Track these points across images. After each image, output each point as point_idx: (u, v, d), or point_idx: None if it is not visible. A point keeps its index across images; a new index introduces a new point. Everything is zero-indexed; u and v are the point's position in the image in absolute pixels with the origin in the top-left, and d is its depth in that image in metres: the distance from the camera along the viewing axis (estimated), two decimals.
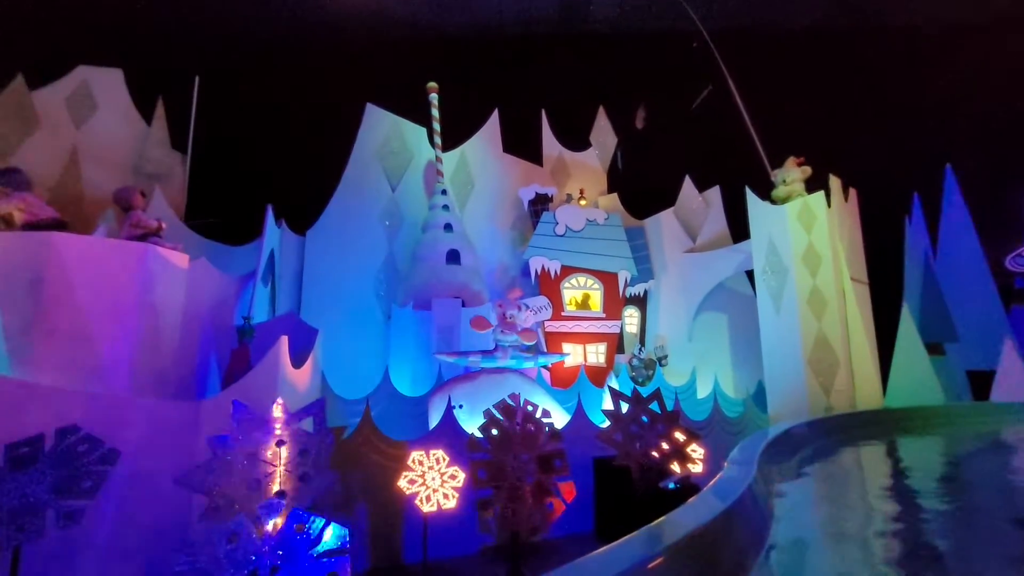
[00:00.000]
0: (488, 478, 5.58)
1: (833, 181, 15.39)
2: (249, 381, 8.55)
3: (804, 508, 5.72)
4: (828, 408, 13.53)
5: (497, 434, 6.00)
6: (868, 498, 6.16)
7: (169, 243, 9.37)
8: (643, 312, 18.66)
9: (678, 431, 8.74)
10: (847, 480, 7.78)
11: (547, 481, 6.00)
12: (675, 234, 19.10)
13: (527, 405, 9.57)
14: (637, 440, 8.36)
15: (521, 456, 5.98)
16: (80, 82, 16.07)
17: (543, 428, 6.63)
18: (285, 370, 9.44)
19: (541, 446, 6.31)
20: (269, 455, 5.95)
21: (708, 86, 17.52)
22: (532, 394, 11.86)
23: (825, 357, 13.74)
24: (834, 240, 14.39)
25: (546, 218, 17.59)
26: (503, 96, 19.50)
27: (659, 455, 8.29)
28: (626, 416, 8.54)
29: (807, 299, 14.06)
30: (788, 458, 8.58)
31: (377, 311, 16.47)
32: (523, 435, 6.24)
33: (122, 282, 8.14)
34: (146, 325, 8.39)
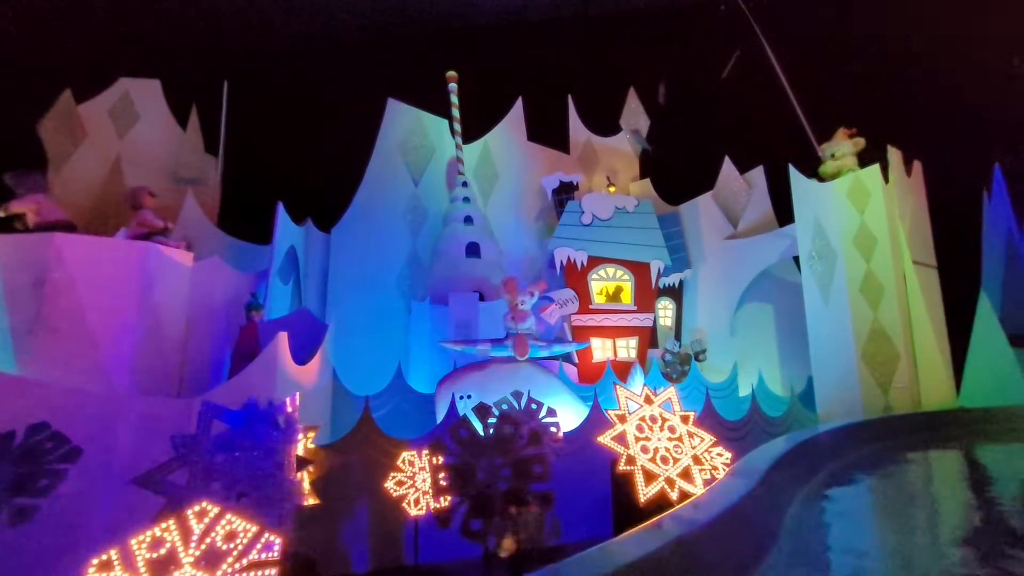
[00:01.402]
0: (451, 484, 5.08)
1: (892, 153, 13.69)
2: (244, 378, 8.48)
3: (823, 535, 4.78)
4: (886, 408, 12.05)
5: (467, 435, 5.48)
6: (925, 527, 5.00)
7: (173, 242, 9.50)
8: (679, 304, 17.50)
9: (694, 434, 7.87)
10: (896, 495, 6.66)
11: (522, 489, 5.42)
12: (714, 219, 17.77)
13: (530, 403, 9.00)
14: (643, 443, 7.57)
15: (494, 460, 5.44)
16: (122, 93, 16.85)
17: (531, 428, 6.04)
18: (286, 367, 9.34)
19: (519, 450, 5.73)
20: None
21: (736, 51, 16.05)
22: (547, 386, 11.23)
23: (882, 350, 12.24)
24: (892, 219, 12.78)
25: (571, 207, 16.81)
26: (527, 83, 18.87)
27: (670, 460, 7.46)
28: (632, 416, 7.77)
29: (859, 286, 12.57)
30: (821, 468, 7.54)
31: (401, 307, 16.33)
32: (497, 437, 5.69)
33: (122, 281, 8.27)
34: (148, 322, 8.51)
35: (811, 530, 4.70)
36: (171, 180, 16.99)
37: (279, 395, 9.08)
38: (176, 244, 9.43)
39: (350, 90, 19.43)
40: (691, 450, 7.64)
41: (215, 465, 5.68)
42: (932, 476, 8.11)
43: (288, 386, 9.41)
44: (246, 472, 5.73)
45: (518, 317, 11.42)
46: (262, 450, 5.87)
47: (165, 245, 9.13)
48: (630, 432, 7.65)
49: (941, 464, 8.94)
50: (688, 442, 7.70)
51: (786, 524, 4.71)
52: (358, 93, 19.15)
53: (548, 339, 16.35)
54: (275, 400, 6.83)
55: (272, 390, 8.86)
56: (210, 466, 5.62)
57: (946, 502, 6.19)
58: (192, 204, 15.74)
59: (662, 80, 18.78)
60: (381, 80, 18.99)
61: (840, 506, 5.63)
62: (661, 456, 7.54)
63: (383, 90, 18.05)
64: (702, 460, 7.58)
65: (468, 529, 4.99)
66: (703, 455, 7.66)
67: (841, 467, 8.25)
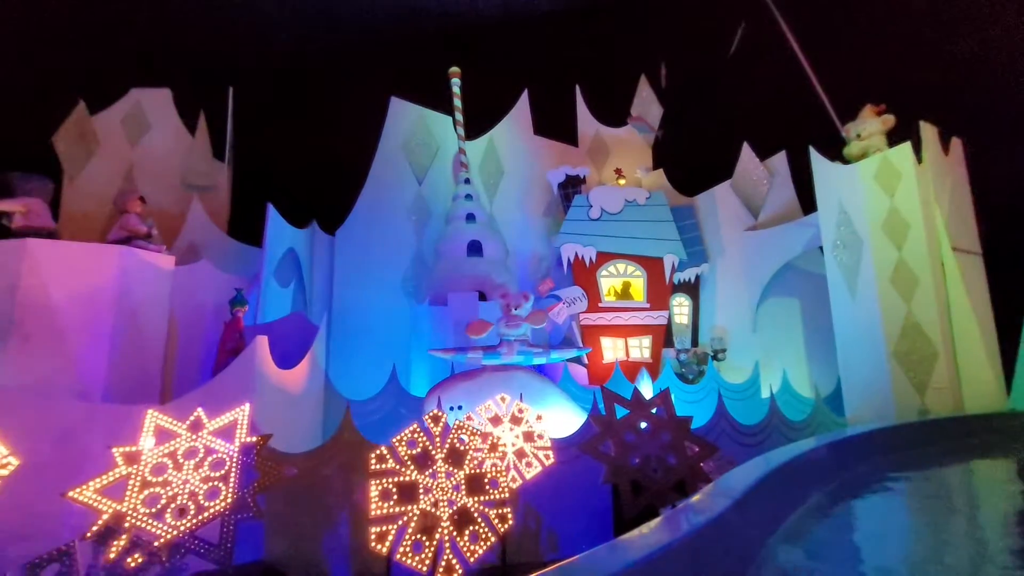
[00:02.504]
0: (391, 500, 4.58)
1: (926, 130, 12.43)
2: (219, 384, 8.23)
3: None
4: (922, 411, 10.90)
5: (416, 448, 4.95)
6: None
7: (154, 246, 9.37)
8: (695, 300, 16.56)
9: (691, 441, 7.14)
10: (923, 514, 5.78)
11: (476, 506, 4.86)
12: (733, 210, 16.76)
13: (516, 409, 8.43)
14: (633, 452, 6.89)
15: (447, 475, 4.89)
16: (134, 103, 17.13)
17: (487, 440, 5.48)
18: (267, 371, 9.06)
19: (479, 464, 5.18)
20: (171, 468, 5.38)
21: (741, 24, 14.96)
22: (542, 394, 10.63)
23: (917, 347, 11.09)
24: (927, 202, 11.59)
25: (578, 201, 16.12)
26: (533, 76, 18.26)
27: (661, 471, 6.77)
28: (620, 422, 7.10)
29: (890, 276, 11.45)
30: (830, 482, 6.67)
31: (406, 308, 16.01)
32: (451, 449, 5.15)
33: (97, 285, 8.16)
34: (125, 328, 8.37)
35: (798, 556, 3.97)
36: (182, 187, 17.14)
37: (259, 401, 8.84)
38: (157, 248, 9.32)
39: (357, 91, 19.29)
40: (688, 459, 6.90)
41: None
42: (972, 492, 7.09)
43: (270, 392, 9.14)
44: (189, 489, 5.38)
45: (511, 323, 10.85)
46: (200, 463, 5.51)
47: (145, 249, 9.02)
48: (617, 440, 6.97)
49: (984, 477, 7.87)
50: (683, 451, 6.97)
51: (771, 550, 4.00)
52: (365, 93, 18.97)
53: (554, 343, 15.77)
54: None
55: (251, 396, 8.59)
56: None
57: (989, 529, 5.26)
58: (198, 209, 15.85)
59: (662, 62, 17.78)
60: (387, 79, 18.77)
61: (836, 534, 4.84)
62: (652, 466, 6.83)
63: (389, 89, 17.82)
64: (701, 472, 6.84)
65: (405, 553, 4.48)
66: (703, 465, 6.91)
67: (854, 480, 7.34)
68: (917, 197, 11.43)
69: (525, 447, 7.97)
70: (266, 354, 9.00)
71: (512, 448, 7.92)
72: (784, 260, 15.47)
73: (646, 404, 7.28)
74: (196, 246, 15.54)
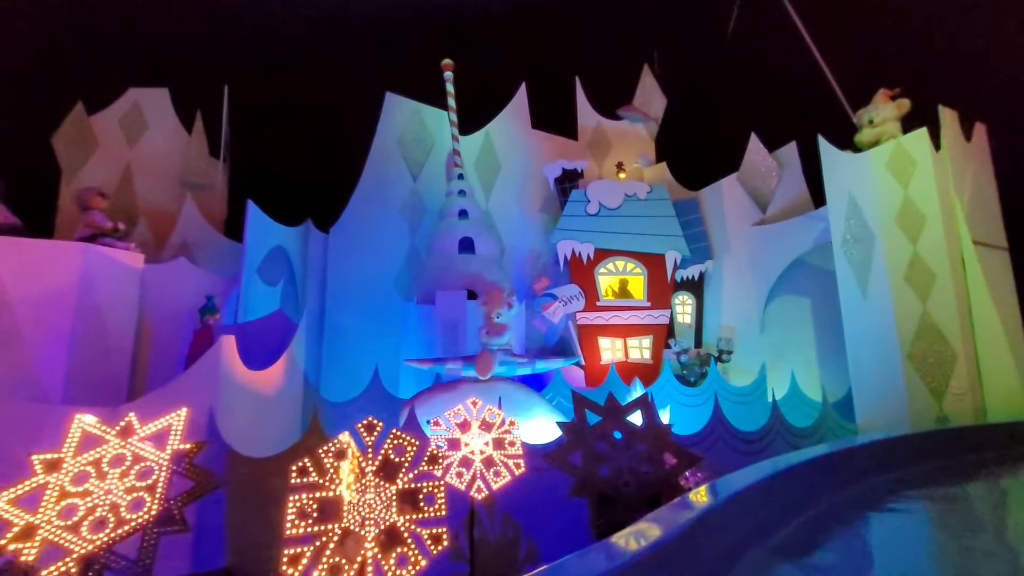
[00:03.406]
0: (309, 519, 4.13)
1: (945, 114, 11.52)
2: (179, 386, 7.92)
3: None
4: (940, 418, 10.06)
5: (343, 460, 4.51)
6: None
7: (122, 243, 9.13)
8: (699, 299, 15.81)
9: (670, 452, 6.55)
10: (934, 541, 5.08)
11: (407, 525, 4.38)
12: (740, 204, 15.97)
13: (487, 414, 7.92)
14: (604, 463, 6.33)
15: (377, 490, 4.43)
16: (132, 103, 17.11)
17: (425, 453, 5.00)
18: (234, 372, 8.74)
19: (415, 480, 4.70)
20: (94, 476, 5.02)
21: (736, 1, 14.14)
22: (526, 405, 10.08)
23: (934, 349, 10.24)
24: (945, 192, 10.71)
25: (575, 196, 15.53)
26: (531, 68, 17.72)
27: (635, 485, 6.19)
28: (591, 431, 6.54)
29: (904, 273, 10.62)
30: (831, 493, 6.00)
31: (400, 307, 15.64)
32: (385, 461, 4.70)
33: (58, 284, 7.93)
34: (87, 327, 8.14)
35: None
36: (180, 186, 17.06)
37: (224, 404, 8.53)
38: (125, 245, 9.08)
39: (354, 86, 19.01)
40: (662, 472, 6.31)
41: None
42: (996, 510, 6.32)
43: (237, 393, 8.82)
44: (109, 500, 5.02)
45: (493, 331, 10.31)
46: (126, 471, 5.14)
47: (112, 247, 8.79)
48: (587, 450, 6.42)
49: (1009, 494, 7.07)
50: (659, 463, 6.37)
51: None
52: (362, 89, 18.69)
53: (550, 342, 15.22)
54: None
55: (214, 398, 8.28)
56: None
57: (1020, 554, 4.56)
58: (191, 208, 15.74)
59: (655, 48, 17.02)
60: (384, 74, 18.45)
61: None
62: (624, 480, 6.26)
63: (385, 85, 17.49)
64: (680, 485, 6.25)
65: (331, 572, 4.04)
66: (681, 478, 6.31)
67: (859, 495, 6.64)
68: (934, 187, 10.57)
69: (494, 455, 7.46)
70: (233, 354, 8.68)
71: (480, 456, 7.42)
72: (793, 256, 14.67)
73: (621, 411, 6.71)
74: (189, 245, 15.43)
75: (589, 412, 6.72)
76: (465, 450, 7.53)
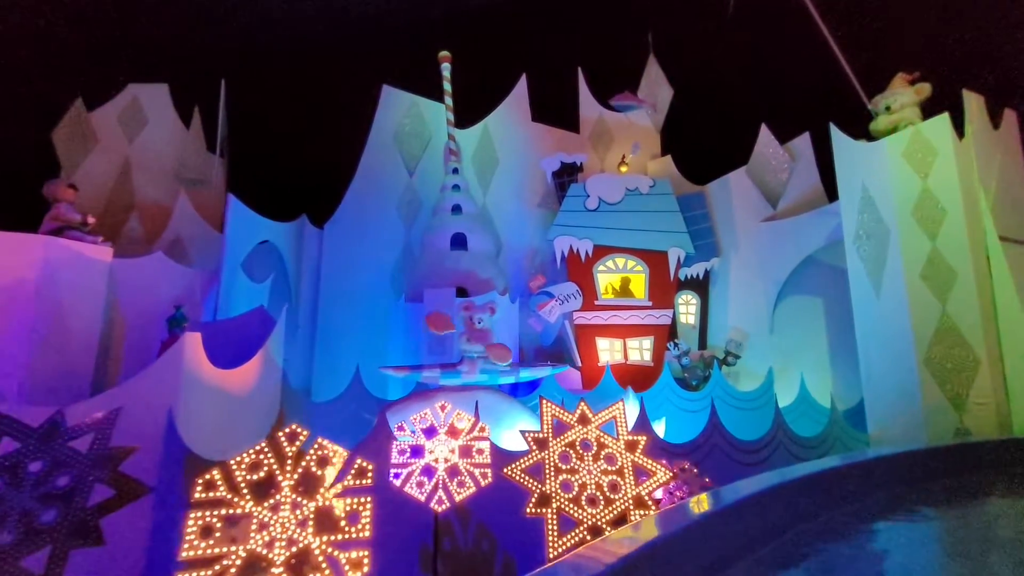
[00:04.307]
0: (212, 539, 3.68)
1: (971, 100, 10.58)
2: (134, 386, 7.60)
3: None
4: (960, 430, 9.21)
5: (261, 471, 4.03)
6: None
7: (90, 237, 8.88)
8: (704, 299, 15.05)
9: (644, 466, 5.96)
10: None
11: (322, 548, 3.90)
12: (748, 198, 15.17)
13: (456, 420, 7.42)
14: (566, 477, 5.77)
15: (294, 507, 3.95)
16: (131, 99, 17.07)
17: (350, 466, 4.51)
18: (199, 371, 8.41)
19: (339, 495, 4.21)
20: (8, 482, 4.68)
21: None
22: (508, 415, 9.53)
23: (954, 354, 9.38)
24: (969, 183, 9.82)
25: (573, 191, 14.93)
26: (532, 60, 17.14)
27: (601, 502, 5.62)
28: (556, 441, 5.99)
29: (921, 270, 9.77)
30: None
31: (394, 304, 15.28)
32: (305, 474, 4.22)
33: (17, 278, 7.70)
34: (47, 323, 7.90)
35: None
36: (177, 182, 16.97)
37: (186, 404, 8.19)
38: (93, 239, 8.85)
39: (352, 80, 18.71)
40: (633, 489, 5.73)
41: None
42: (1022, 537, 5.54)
43: (202, 393, 8.48)
44: (21, 507, 4.67)
45: (474, 337, 9.79)
46: (43, 478, 4.79)
47: (80, 240, 8.56)
48: (550, 462, 5.87)
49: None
50: (630, 478, 5.80)
51: None
52: (361, 82, 18.37)
53: (545, 343, 14.66)
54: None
55: (175, 399, 7.95)
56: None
57: None
58: (185, 203, 15.60)
59: (649, 29, 16.20)
60: (382, 67, 18.12)
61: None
62: (589, 496, 5.70)
63: (384, 78, 17.14)
64: (646, 502, 5.66)
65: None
66: (649, 496, 5.73)
67: (863, 513, 5.94)
68: (956, 177, 9.69)
69: (460, 463, 6.96)
70: (198, 352, 8.34)
71: (444, 464, 6.93)
72: (805, 253, 13.86)
73: (591, 419, 6.14)
74: (183, 240, 15.31)
75: (557, 420, 6.16)
76: (429, 458, 7.06)
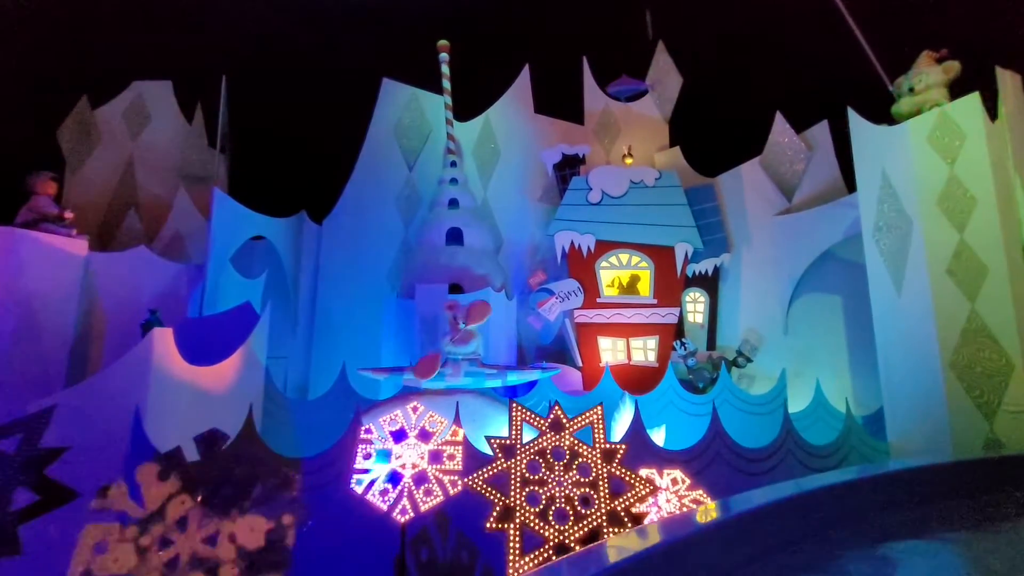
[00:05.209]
0: (110, 553, 3.25)
1: (1005, 78, 9.69)
2: (100, 382, 7.35)
3: None
4: (991, 441, 8.35)
5: (169, 487, 3.55)
6: None
7: (64, 230, 8.68)
8: (713, 297, 14.29)
9: (621, 479, 5.38)
10: None
11: (232, 568, 3.46)
12: (762, 191, 14.38)
13: (428, 423, 6.95)
14: (533, 488, 5.23)
15: (207, 525, 3.50)
16: (135, 96, 17.09)
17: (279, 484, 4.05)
18: (169, 368, 8.12)
19: (261, 512, 3.76)
20: None
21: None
22: (492, 419, 9.01)
23: (984, 357, 8.54)
24: (1002, 170, 8.95)
25: (576, 184, 14.31)
26: (535, 49, 16.59)
27: (572, 517, 5.07)
28: (524, 449, 5.45)
29: (947, 266, 8.93)
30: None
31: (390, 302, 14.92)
32: (222, 485, 3.78)
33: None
34: (18, 316, 7.71)
35: None
36: (180, 178, 16.92)
37: (156, 403, 7.91)
38: (67, 232, 8.65)
39: (354, 73, 18.43)
40: (608, 503, 5.16)
41: None
42: None
43: (174, 390, 8.19)
44: None
45: (459, 339, 9.30)
46: None
47: (55, 233, 8.37)
48: (517, 471, 5.34)
49: None
50: (604, 492, 5.23)
51: None
52: (362, 76, 18.07)
53: (544, 341, 14.12)
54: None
55: (143, 397, 7.67)
56: None
57: None
58: (184, 199, 15.54)
59: (646, 8, 15.39)
60: (387, 61, 17.81)
61: None
62: (557, 510, 5.15)
63: (385, 70, 16.82)
64: (621, 519, 5.08)
65: None
66: (625, 511, 5.14)
67: (878, 536, 5.26)
68: (987, 163, 8.82)
69: (428, 469, 6.48)
70: (168, 349, 8.06)
71: (412, 471, 6.46)
72: (822, 248, 13.05)
73: (565, 425, 5.58)
74: (181, 235, 15.24)
75: (527, 425, 5.63)
76: (396, 463, 6.61)
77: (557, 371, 11.16)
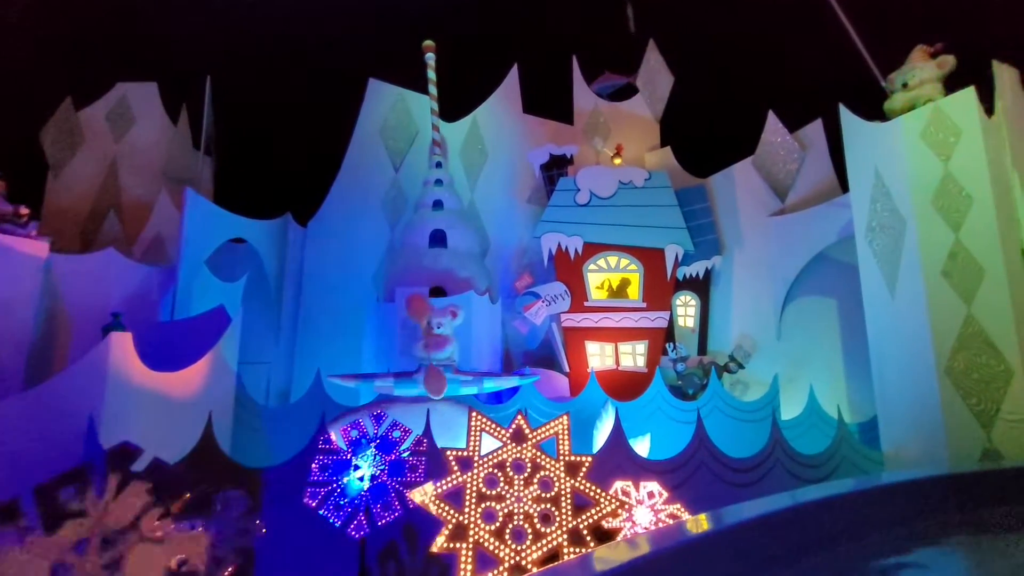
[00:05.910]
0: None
1: (1002, 72, 9.32)
2: (51, 388, 7.04)
3: None
4: (988, 450, 7.96)
5: (77, 499, 3.27)
6: None
7: (22, 230, 8.40)
8: (704, 300, 13.93)
9: (585, 494, 5.02)
10: None
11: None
12: (754, 191, 14.04)
13: (390, 430, 6.60)
14: (490, 504, 4.87)
15: (110, 549, 3.15)
16: (119, 98, 16.88)
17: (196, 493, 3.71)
18: (126, 373, 7.80)
19: (171, 533, 3.41)
20: None
21: None
22: (465, 427, 8.63)
23: (981, 363, 8.15)
24: (999, 167, 8.58)
25: (563, 184, 14.00)
26: (523, 48, 16.33)
27: (530, 535, 4.71)
28: (481, 462, 5.09)
29: (943, 267, 8.55)
30: None
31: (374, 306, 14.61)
32: (123, 507, 3.43)
33: None
34: None
35: None
36: (164, 181, 16.69)
37: (112, 410, 7.60)
38: (26, 233, 8.38)
39: (340, 73, 18.21)
40: (569, 521, 4.80)
41: None
42: None
43: (133, 397, 7.87)
44: None
45: (432, 344, 8.96)
46: None
47: (12, 234, 8.09)
48: (473, 486, 4.98)
49: None
50: (567, 508, 4.86)
51: None
52: (348, 76, 17.84)
53: (531, 347, 13.78)
54: None
55: (98, 402, 7.36)
56: None
57: None
58: (166, 202, 15.28)
59: (628, 3, 15.07)
60: (369, 61, 17.57)
61: None
62: (515, 528, 4.79)
63: (372, 71, 16.59)
64: (584, 538, 4.71)
65: None
66: (588, 528, 4.78)
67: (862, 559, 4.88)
68: (984, 160, 8.45)
69: (388, 482, 6.12)
70: (127, 354, 7.74)
71: (368, 484, 6.10)
72: (816, 250, 12.68)
73: (528, 435, 5.23)
74: (162, 238, 14.98)
75: (487, 435, 5.27)
76: (353, 474, 6.25)
77: (537, 378, 10.78)
